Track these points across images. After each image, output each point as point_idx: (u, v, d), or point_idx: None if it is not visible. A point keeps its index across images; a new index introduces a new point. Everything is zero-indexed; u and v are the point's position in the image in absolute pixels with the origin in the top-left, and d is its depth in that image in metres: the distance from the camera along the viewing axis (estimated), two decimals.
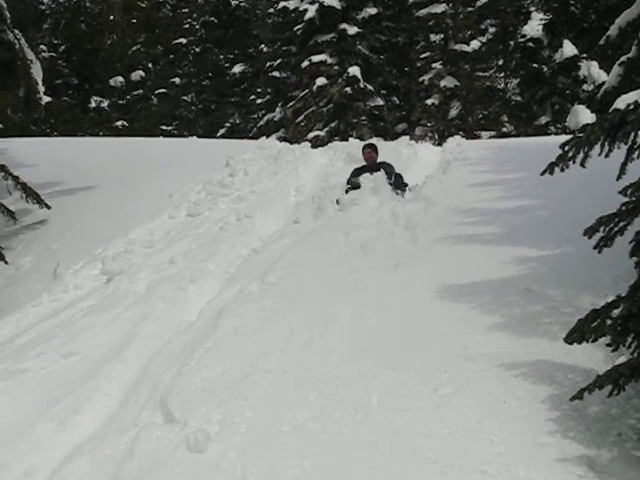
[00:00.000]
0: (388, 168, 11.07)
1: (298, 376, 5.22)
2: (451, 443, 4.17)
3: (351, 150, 13.90)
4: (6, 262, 11.92)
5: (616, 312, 4.12)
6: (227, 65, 39.15)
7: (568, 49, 22.92)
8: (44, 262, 11.94)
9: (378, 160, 11.61)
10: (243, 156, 14.52)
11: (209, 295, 7.73)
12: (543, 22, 22.14)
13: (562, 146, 4.60)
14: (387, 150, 13.98)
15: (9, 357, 7.23)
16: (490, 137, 24.80)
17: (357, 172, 11.14)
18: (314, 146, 16.68)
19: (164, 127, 37.05)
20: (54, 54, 35.69)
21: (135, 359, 6.37)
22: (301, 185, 12.17)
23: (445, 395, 4.70)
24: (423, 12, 26.25)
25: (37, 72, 13.59)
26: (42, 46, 34.49)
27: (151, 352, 6.47)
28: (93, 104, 36.11)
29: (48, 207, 14.22)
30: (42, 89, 13.90)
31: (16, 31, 13.29)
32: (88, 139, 25.88)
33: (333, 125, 26.88)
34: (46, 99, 15.10)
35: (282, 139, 19.66)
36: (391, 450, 4.16)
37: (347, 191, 10.50)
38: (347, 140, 17.09)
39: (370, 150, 11.76)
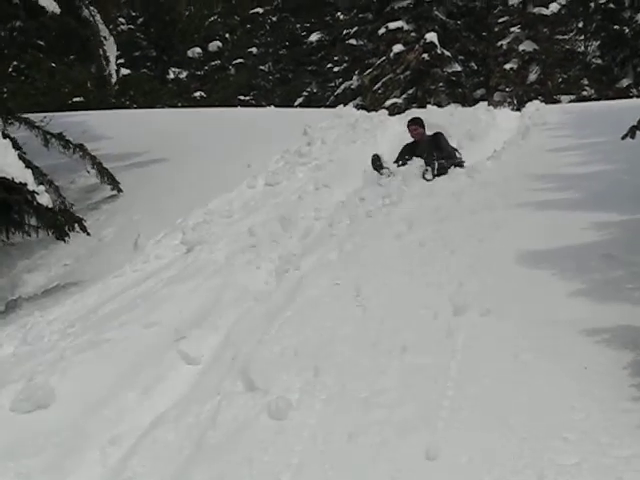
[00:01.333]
0: (440, 142, 10.59)
1: (379, 344, 5.19)
2: (531, 410, 4.10)
3: (429, 117, 13.73)
4: (88, 234, 12.12)
5: None
6: (304, 34, 39.07)
7: None
8: (126, 233, 12.13)
9: (428, 133, 10.94)
10: (321, 125, 14.50)
11: (288, 264, 7.73)
12: None
13: None
14: (465, 116, 13.82)
15: (92, 327, 7.37)
16: (570, 101, 24.31)
17: (406, 151, 10.69)
18: (391, 114, 16.56)
19: (242, 97, 37.21)
20: (132, 26, 36.10)
21: (216, 328, 6.42)
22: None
23: (525, 362, 4.63)
24: None
25: (110, 48, 13.74)
26: (120, 19, 34.85)
27: (231, 321, 6.52)
28: (171, 75, 36.46)
29: (119, 190, 14.43)
30: (114, 66, 14.07)
31: (92, 8, 13.46)
32: (167, 110, 26.17)
33: (410, 92, 26.66)
34: (123, 72, 15.33)
35: (359, 107, 19.52)
36: (469, 416, 4.11)
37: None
38: (425, 107, 16.91)
39: (416, 126, 10.99)
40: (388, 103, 25.50)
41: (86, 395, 5.46)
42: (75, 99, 27.44)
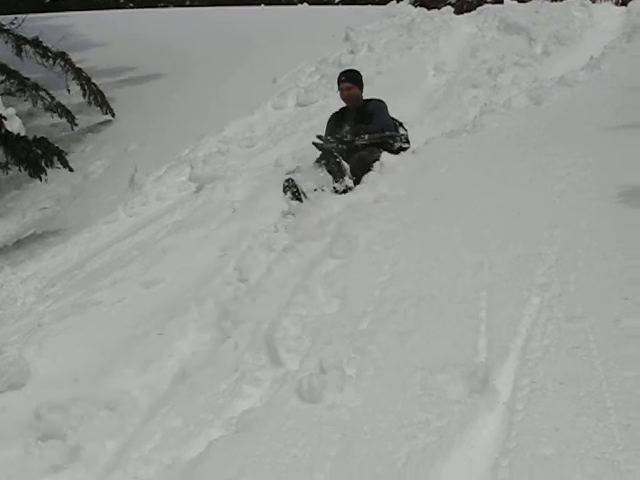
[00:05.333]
0: (374, 110, 8.93)
1: (438, 305, 5.15)
2: (635, 386, 4.06)
3: (507, 15, 13.55)
4: (71, 169, 12.18)
5: None
6: None
7: None
8: (118, 167, 12.22)
9: (365, 97, 9.17)
10: (367, 27, 14.38)
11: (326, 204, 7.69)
12: None
13: None
14: (554, 13, 13.58)
15: (78, 286, 7.43)
16: None
17: (332, 124, 9.11)
18: (458, 11, 16.34)
19: None
20: None
21: (231, 288, 6.42)
22: (441, 62, 11.97)
23: (628, 328, 4.58)
24: None
25: None
26: None
27: (254, 278, 6.49)
28: None
29: (112, 113, 14.46)
30: None
31: None
32: (171, 10, 26.07)
33: None
34: None
35: (417, 3, 19.31)
36: (555, 395, 4.08)
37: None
38: (501, 2, 16.66)
39: (349, 83, 9.05)
40: None
41: (69, 372, 5.48)
42: None
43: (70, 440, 4.69)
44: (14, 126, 10.97)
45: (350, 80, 9.01)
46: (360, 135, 8.52)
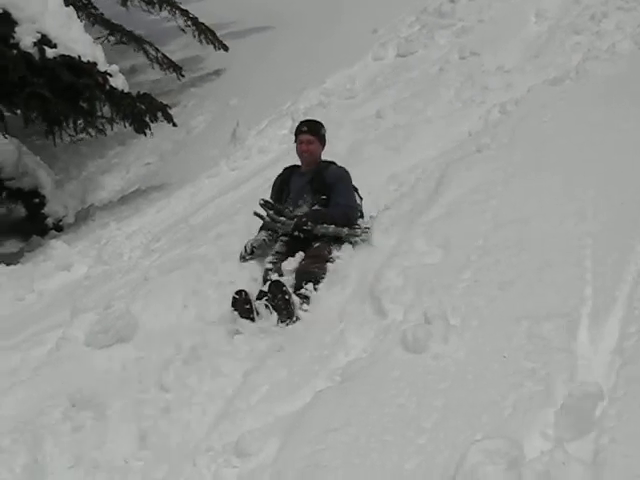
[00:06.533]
0: (341, 188, 6.61)
1: (541, 254, 5.08)
2: None
3: None
4: (174, 124, 12.26)
5: None
6: None
7: None
8: (220, 122, 12.27)
9: (324, 156, 6.97)
10: None
11: (429, 152, 7.65)
12: None
13: None
14: None
15: (183, 240, 7.52)
16: None
17: (280, 186, 6.94)
18: None
19: None
20: None
21: None
22: (543, 9, 11.73)
23: None
24: None
25: None
26: None
27: None
28: None
29: (225, 48, 14.52)
30: None
31: None
32: None
33: None
34: None
35: None
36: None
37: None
38: None
39: (310, 136, 6.83)
40: None
41: (175, 326, 5.61)
42: None
43: (175, 392, 4.80)
44: (118, 82, 11.06)
45: (312, 132, 6.81)
46: (322, 222, 6.25)
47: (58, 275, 8.23)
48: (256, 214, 6.46)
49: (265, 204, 6.43)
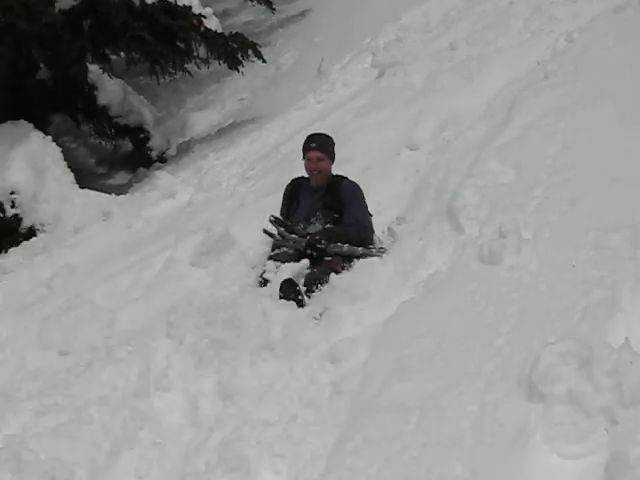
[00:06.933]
0: (354, 205, 5.82)
1: (608, 171, 5.00)
2: None
3: None
4: (264, 61, 12.28)
5: None
6: None
7: None
8: (307, 58, 12.23)
9: (335, 171, 6.06)
10: None
11: (500, 82, 7.53)
12: None
13: None
14: None
15: (276, 168, 7.57)
16: None
17: (290, 200, 6.09)
18: None
19: None
20: None
21: (412, 163, 6.42)
22: None
23: None
24: None
25: None
26: None
27: (430, 156, 6.50)
28: None
29: None
30: None
31: None
32: None
33: None
34: None
35: None
36: None
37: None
38: None
39: (320, 153, 5.91)
40: None
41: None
42: None
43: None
44: (212, 24, 11.14)
45: (321, 148, 5.90)
46: (336, 241, 5.55)
47: (163, 203, 8.40)
48: (266, 232, 5.68)
49: (275, 221, 5.66)
